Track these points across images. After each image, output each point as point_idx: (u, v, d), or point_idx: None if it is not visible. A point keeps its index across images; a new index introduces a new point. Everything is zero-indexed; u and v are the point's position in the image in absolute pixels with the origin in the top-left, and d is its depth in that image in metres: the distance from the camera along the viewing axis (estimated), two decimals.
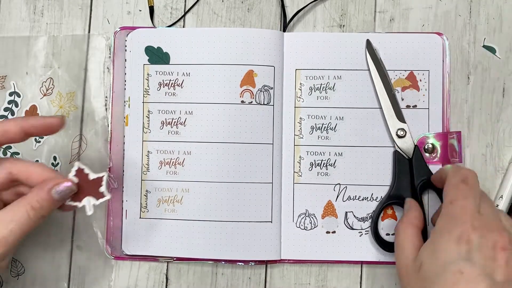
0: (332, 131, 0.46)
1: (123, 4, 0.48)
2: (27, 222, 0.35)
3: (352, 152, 0.46)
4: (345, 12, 0.48)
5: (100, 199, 0.37)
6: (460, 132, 0.45)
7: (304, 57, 0.47)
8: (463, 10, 0.48)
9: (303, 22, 0.48)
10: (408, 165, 0.44)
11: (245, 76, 0.46)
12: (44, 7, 0.48)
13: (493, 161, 0.47)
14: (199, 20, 0.48)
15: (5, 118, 0.47)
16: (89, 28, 0.48)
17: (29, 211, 0.35)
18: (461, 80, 0.47)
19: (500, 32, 0.47)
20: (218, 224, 0.45)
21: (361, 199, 0.46)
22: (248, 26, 0.48)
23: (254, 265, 0.46)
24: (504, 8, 0.48)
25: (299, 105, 0.46)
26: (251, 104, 0.46)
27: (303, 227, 0.45)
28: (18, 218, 0.35)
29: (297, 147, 0.46)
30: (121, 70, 0.47)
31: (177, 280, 0.46)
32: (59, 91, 0.47)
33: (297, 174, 0.46)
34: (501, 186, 0.46)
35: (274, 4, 0.48)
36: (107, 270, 0.46)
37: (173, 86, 0.46)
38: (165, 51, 0.46)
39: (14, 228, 0.35)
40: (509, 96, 0.47)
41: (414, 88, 0.46)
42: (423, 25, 0.48)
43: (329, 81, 0.46)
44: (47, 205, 0.36)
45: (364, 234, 0.45)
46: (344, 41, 0.47)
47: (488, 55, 0.47)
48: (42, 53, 0.48)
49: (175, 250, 0.45)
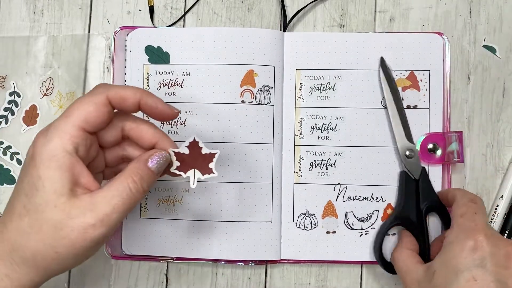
0: (332, 131, 0.46)
1: (123, 4, 0.48)
2: (129, 197, 0.32)
3: (352, 152, 0.46)
4: (345, 12, 0.48)
5: (206, 174, 0.36)
6: (462, 132, 0.45)
7: (304, 57, 0.46)
8: (463, 10, 0.48)
9: (303, 22, 0.48)
10: (415, 186, 0.44)
11: (245, 76, 0.46)
12: (44, 7, 0.48)
13: (493, 161, 0.46)
14: (199, 20, 0.48)
15: (5, 118, 0.47)
16: (89, 28, 0.48)
17: (131, 184, 0.33)
18: (461, 80, 0.47)
19: (500, 32, 0.47)
20: (218, 224, 0.45)
21: (361, 199, 0.46)
22: (248, 26, 0.48)
23: (254, 265, 0.46)
24: (504, 8, 0.48)
25: (299, 105, 0.46)
26: (251, 104, 0.46)
27: (303, 227, 0.45)
28: (120, 193, 0.32)
29: (297, 147, 0.46)
30: (121, 70, 0.47)
31: (177, 280, 0.46)
32: (59, 91, 0.47)
33: (297, 174, 0.46)
34: (501, 186, 0.46)
35: (274, 4, 0.48)
36: (107, 270, 0.46)
37: (173, 85, 0.46)
38: (165, 50, 0.46)
39: (117, 204, 0.32)
40: (509, 96, 0.47)
41: (414, 88, 0.46)
42: (423, 25, 0.48)
43: (329, 81, 0.46)
44: (146, 177, 0.34)
45: (364, 234, 0.45)
46: (344, 41, 0.46)
47: (488, 55, 0.47)
48: (42, 53, 0.48)
49: (175, 250, 0.45)
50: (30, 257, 0.32)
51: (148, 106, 0.35)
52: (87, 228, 0.31)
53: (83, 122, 0.33)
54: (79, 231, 0.31)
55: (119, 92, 0.34)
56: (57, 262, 0.32)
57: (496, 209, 0.45)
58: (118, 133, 0.36)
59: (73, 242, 0.31)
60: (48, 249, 0.31)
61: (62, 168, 0.32)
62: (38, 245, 0.31)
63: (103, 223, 0.32)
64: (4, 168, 0.47)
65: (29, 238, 0.31)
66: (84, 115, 0.33)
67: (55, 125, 0.33)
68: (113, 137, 0.36)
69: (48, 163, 0.32)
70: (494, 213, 0.45)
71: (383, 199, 0.45)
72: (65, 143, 0.32)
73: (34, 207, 0.32)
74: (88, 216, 0.31)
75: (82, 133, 0.33)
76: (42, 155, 0.32)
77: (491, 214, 0.46)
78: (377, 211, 0.45)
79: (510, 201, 0.46)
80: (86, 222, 0.31)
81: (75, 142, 0.33)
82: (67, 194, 0.32)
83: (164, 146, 0.36)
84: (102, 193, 0.32)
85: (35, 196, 0.32)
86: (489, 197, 0.46)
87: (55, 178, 0.32)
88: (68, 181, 0.32)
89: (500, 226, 0.46)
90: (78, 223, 0.31)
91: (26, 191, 0.32)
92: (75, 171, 0.32)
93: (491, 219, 0.46)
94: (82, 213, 0.31)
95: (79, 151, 0.33)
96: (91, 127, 0.34)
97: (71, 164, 0.32)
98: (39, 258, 0.31)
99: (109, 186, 0.33)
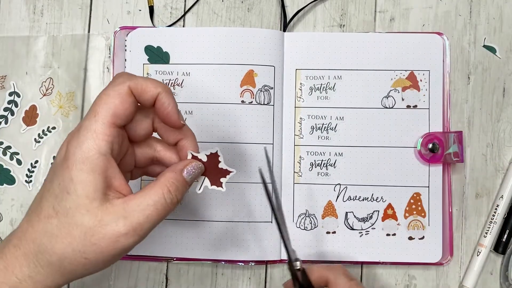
0: (332, 131, 0.46)
1: (123, 4, 0.48)
2: (163, 207, 0.31)
3: (352, 152, 0.46)
4: (345, 12, 0.48)
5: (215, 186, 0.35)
6: (462, 132, 0.45)
7: (304, 57, 0.46)
8: (463, 10, 0.48)
9: (303, 22, 0.48)
10: None
11: (245, 76, 0.46)
12: (44, 7, 0.48)
13: (493, 161, 0.46)
14: (199, 20, 0.48)
15: (5, 118, 0.47)
16: (88, 28, 0.48)
17: (166, 195, 0.32)
18: (461, 80, 0.47)
19: (500, 32, 0.47)
20: (218, 224, 0.45)
21: (361, 200, 0.46)
22: (248, 26, 0.48)
23: (254, 265, 0.46)
24: (504, 8, 0.48)
25: (299, 105, 0.46)
26: (251, 104, 0.46)
27: (303, 227, 0.45)
28: (154, 202, 0.31)
29: (297, 147, 0.46)
30: (121, 69, 0.47)
31: (177, 280, 0.46)
32: (59, 91, 0.47)
33: (297, 174, 0.46)
34: (501, 186, 0.46)
35: (274, 4, 0.48)
36: (107, 270, 0.46)
37: (173, 85, 0.46)
38: (165, 50, 0.46)
39: (151, 214, 0.31)
40: (509, 96, 0.47)
41: (414, 88, 0.46)
42: (423, 25, 0.48)
43: (329, 81, 0.46)
44: (181, 187, 0.33)
45: (364, 234, 0.45)
46: (344, 41, 0.46)
47: (488, 55, 0.47)
48: (42, 53, 0.47)
49: (175, 250, 0.45)
50: (56, 261, 0.31)
51: (161, 103, 0.33)
52: (119, 236, 0.30)
53: (112, 117, 0.32)
54: (111, 238, 0.30)
55: (140, 83, 0.33)
56: (84, 267, 0.31)
57: (496, 209, 0.45)
58: (148, 125, 0.35)
59: (103, 249, 0.30)
60: (77, 254, 0.30)
61: (95, 171, 0.31)
62: (66, 249, 0.30)
63: (135, 232, 0.31)
64: (3, 168, 0.47)
65: (56, 241, 0.30)
66: (112, 109, 0.32)
67: (85, 125, 0.32)
68: (143, 130, 0.35)
69: (81, 165, 0.31)
70: (494, 213, 0.45)
71: (383, 199, 0.45)
72: (99, 144, 0.31)
73: (64, 210, 0.31)
74: (120, 224, 0.30)
75: (113, 130, 0.32)
76: (76, 157, 0.31)
77: (491, 214, 0.46)
78: (377, 211, 0.45)
79: (510, 201, 0.46)
80: (118, 230, 0.30)
81: (109, 141, 0.32)
82: (100, 198, 0.31)
83: (188, 145, 0.35)
84: (136, 200, 0.31)
85: (66, 199, 0.31)
86: (489, 197, 0.46)
87: (88, 182, 0.31)
88: (101, 185, 0.31)
89: (500, 226, 0.46)
90: (110, 231, 0.30)
91: (56, 193, 0.31)
92: (108, 173, 0.32)
93: (491, 219, 0.46)
94: (114, 220, 0.30)
95: (113, 150, 0.32)
96: (120, 120, 0.32)
97: (104, 166, 0.31)
98: (66, 263, 0.31)
99: (144, 194, 0.32)
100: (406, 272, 0.46)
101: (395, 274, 0.46)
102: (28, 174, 0.47)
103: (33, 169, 0.47)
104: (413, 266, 0.46)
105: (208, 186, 0.35)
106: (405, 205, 0.45)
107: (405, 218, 0.45)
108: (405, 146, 0.46)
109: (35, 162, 0.47)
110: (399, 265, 0.46)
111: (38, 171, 0.47)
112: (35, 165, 0.47)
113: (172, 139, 0.35)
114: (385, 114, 0.46)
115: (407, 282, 0.46)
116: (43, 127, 0.47)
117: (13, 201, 0.46)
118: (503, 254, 0.46)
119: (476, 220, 0.46)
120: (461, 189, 0.46)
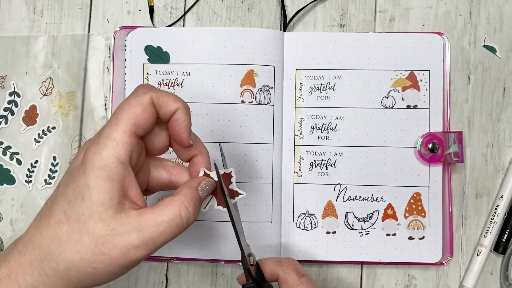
0: (332, 131, 0.46)
1: (123, 4, 0.48)
2: (177, 226, 0.31)
3: (352, 152, 0.46)
4: (345, 12, 0.48)
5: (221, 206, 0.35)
6: (462, 131, 0.45)
7: (304, 57, 0.46)
8: (463, 10, 0.48)
9: (303, 22, 0.48)
10: None
11: (245, 76, 0.46)
12: (44, 7, 0.48)
13: (493, 161, 0.46)
14: (199, 20, 0.48)
15: (5, 118, 0.47)
16: (88, 28, 0.48)
17: (183, 212, 0.31)
18: (461, 80, 0.47)
19: (500, 31, 0.47)
20: (218, 224, 0.45)
21: (361, 200, 0.45)
22: (248, 26, 0.48)
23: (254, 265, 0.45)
24: (505, 8, 0.48)
25: (299, 105, 0.46)
26: (251, 104, 0.46)
27: (303, 227, 0.45)
28: (170, 219, 0.31)
29: (297, 147, 0.46)
30: (121, 69, 0.47)
31: (177, 280, 0.46)
32: (59, 91, 0.47)
33: (297, 174, 0.46)
34: (501, 186, 0.46)
35: (274, 4, 0.48)
36: None
37: (173, 85, 0.46)
38: (165, 50, 0.46)
39: (165, 230, 0.30)
40: (509, 96, 0.47)
41: (414, 88, 0.46)
42: (423, 25, 0.48)
43: (329, 81, 0.46)
44: (198, 204, 0.32)
45: (364, 234, 0.45)
46: (344, 41, 0.46)
47: (488, 55, 0.47)
48: (42, 53, 0.47)
49: (175, 250, 0.45)
50: (63, 269, 0.30)
51: (176, 119, 0.33)
52: (130, 248, 0.30)
53: (133, 126, 0.31)
54: (121, 249, 0.29)
55: (162, 96, 0.32)
56: (91, 277, 0.30)
57: (496, 209, 0.45)
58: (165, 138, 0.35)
59: (113, 260, 0.29)
60: (85, 263, 0.29)
61: (113, 179, 0.30)
62: (75, 257, 0.29)
63: (147, 246, 0.30)
64: (3, 168, 0.47)
65: (65, 248, 0.30)
66: (134, 119, 0.31)
67: (105, 132, 0.31)
68: (160, 142, 0.34)
69: (99, 172, 0.30)
70: (494, 213, 0.45)
71: (383, 199, 0.45)
72: (118, 152, 0.31)
73: (77, 216, 0.30)
74: (133, 236, 0.30)
75: (133, 139, 0.31)
76: (94, 163, 0.30)
77: (491, 214, 0.46)
78: (377, 211, 0.45)
79: (510, 201, 0.46)
80: (130, 242, 0.30)
81: (128, 149, 0.31)
82: (115, 207, 0.30)
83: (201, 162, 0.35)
84: (152, 214, 0.30)
85: (80, 205, 0.30)
86: (489, 197, 0.46)
87: (105, 189, 0.30)
88: (117, 194, 0.30)
89: (500, 226, 0.46)
90: (121, 241, 0.29)
91: (70, 198, 0.30)
92: (125, 182, 0.31)
93: (491, 219, 0.46)
94: (127, 231, 0.30)
95: (131, 159, 0.32)
96: (141, 130, 0.32)
97: (122, 175, 0.31)
98: (73, 272, 0.30)
99: (160, 209, 0.31)
100: (406, 272, 0.46)
101: (395, 274, 0.46)
102: (28, 174, 0.47)
103: (33, 169, 0.47)
104: (413, 266, 0.46)
105: (214, 205, 0.35)
106: (405, 205, 0.45)
107: (405, 218, 0.45)
108: (405, 146, 0.46)
109: (35, 162, 0.47)
110: (399, 265, 0.46)
111: (38, 171, 0.47)
112: (35, 165, 0.47)
113: (187, 155, 0.35)
114: (385, 114, 0.46)
115: (407, 282, 0.46)
116: (43, 127, 0.47)
117: (13, 201, 0.46)
118: (503, 254, 0.46)
119: (476, 220, 0.46)
120: (461, 189, 0.46)
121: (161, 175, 0.35)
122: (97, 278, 0.30)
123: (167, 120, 0.33)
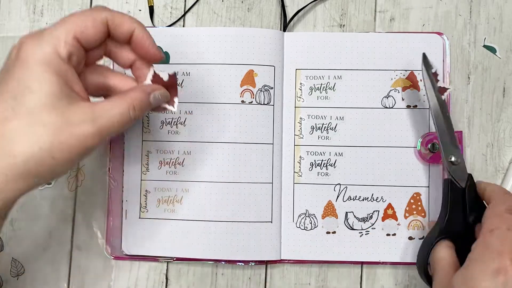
0: (332, 131, 0.46)
1: (123, 4, 0.48)
2: (126, 120, 0.33)
3: (352, 152, 0.46)
4: (345, 11, 0.48)
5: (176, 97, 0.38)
6: (462, 132, 0.45)
7: (304, 57, 0.46)
8: (463, 9, 0.48)
9: (303, 22, 0.48)
10: (461, 195, 0.40)
11: (245, 76, 0.46)
12: (44, 7, 0.48)
13: (493, 161, 0.46)
14: (199, 20, 0.48)
15: None
16: None
17: (131, 111, 0.33)
18: (461, 80, 0.47)
19: (500, 31, 0.47)
20: (218, 224, 0.45)
21: (361, 200, 0.46)
22: (248, 26, 0.48)
23: (254, 265, 0.46)
24: (505, 8, 0.48)
25: (299, 105, 0.46)
26: (251, 104, 0.46)
27: (303, 227, 0.45)
28: (120, 113, 0.32)
29: (297, 147, 0.46)
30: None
31: (177, 280, 0.46)
32: None
33: (297, 174, 0.46)
34: None
35: (274, 4, 0.48)
36: (107, 270, 0.46)
37: None
38: (165, 50, 0.46)
39: (117, 122, 0.32)
40: (509, 96, 0.47)
41: (414, 88, 0.46)
42: (423, 25, 0.48)
43: (329, 81, 0.46)
44: (145, 108, 0.34)
45: (364, 234, 0.45)
46: (344, 41, 0.46)
47: (488, 55, 0.47)
48: None
49: (175, 250, 0.45)
50: (21, 163, 0.29)
51: (140, 37, 0.34)
52: (88, 136, 0.31)
53: (78, 33, 0.32)
54: (79, 138, 0.31)
55: (117, 16, 0.33)
56: (50, 168, 0.30)
57: None
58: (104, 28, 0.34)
59: (71, 149, 0.30)
60: (44, 153, 0.30)
61: (58, 73, 0.31)
62: (33, 149, 0.30)
63: (101, 135, 0.31)
64: None
65: (19, 142, 0.29)
66: (81, 27, 0.32)
67: (48, 30, 0.32)
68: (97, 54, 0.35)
69: (42, 66, 0.30)
70: None
71: (383, 199, 0.45)
72: (59, 49, 0.31)
73: (28, 110, 0.30)
74: (89, 126, 0.31)
75: (75, 43, 0.32)
76: (35, 57, 0.30)
77: None
78: (377, 211, 0.45)
79: None
80: (87, 130, 0.31)
81: (70, 50, 0.31)
82: (66, 98, 0.31)
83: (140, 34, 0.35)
84: (103, 106, 0.32)
85: (30, 98, 0.30)
86: None
87: (53, 81, 0.30)
88: (65, 86, 0.31)
89: None
90: (78, 130, 0.31)
91: (14, 93, 0.30)
92: (69, 77, 0.31)
93: None
94: (83, 120, 0.31)
95: (72, 60, 0.32)
96: (85, 41, 0.32)
97: (65, 70, 0.31)
98: (32, 164, 0.30)
99: (111, 103, 0.33)
100: (406, 272, 0.46)
101: (395, 274, 0.46)
102: None
103: None
104: (413, 266, 0.46)
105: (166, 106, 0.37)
106: (405, 205, 0.45)
107: (405, 218, 0.45)
108: (405, 146, 0.46)
109: None
110: (399, 265, 0.46)
111: None
112: None
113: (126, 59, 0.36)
114: (385, 114, 0.46)
115: (407, 282, 0.46)
116: None
117: None
118: None
119: None
120: None
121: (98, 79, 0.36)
122: (56, 169, 0.31)
123: (126, 40, 0.34)
